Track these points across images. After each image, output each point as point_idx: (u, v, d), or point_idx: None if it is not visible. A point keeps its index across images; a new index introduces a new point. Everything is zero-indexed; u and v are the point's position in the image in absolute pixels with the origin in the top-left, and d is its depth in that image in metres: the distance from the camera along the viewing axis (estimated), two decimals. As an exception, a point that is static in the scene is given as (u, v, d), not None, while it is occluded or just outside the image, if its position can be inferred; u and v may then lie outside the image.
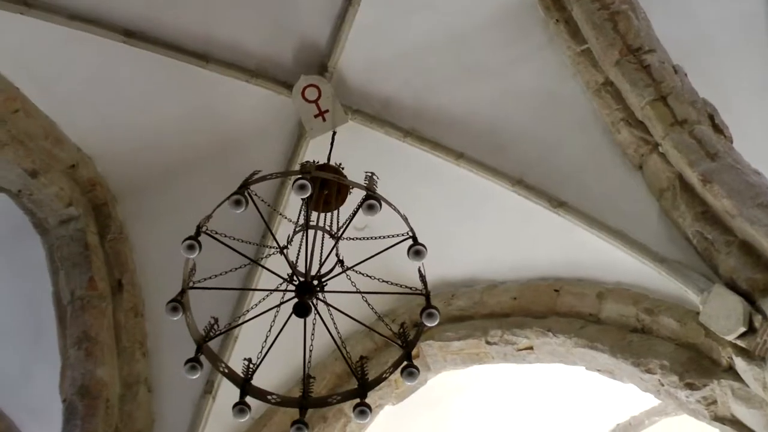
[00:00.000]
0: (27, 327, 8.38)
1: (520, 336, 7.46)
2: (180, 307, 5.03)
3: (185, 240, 4.94)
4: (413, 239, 5.12)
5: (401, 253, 5.35)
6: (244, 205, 4.99)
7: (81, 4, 7.03)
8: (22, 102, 7.53)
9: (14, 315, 8.45)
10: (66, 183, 7.91)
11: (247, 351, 5.56)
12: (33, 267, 8.19)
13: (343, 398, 5.30)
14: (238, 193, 5.00)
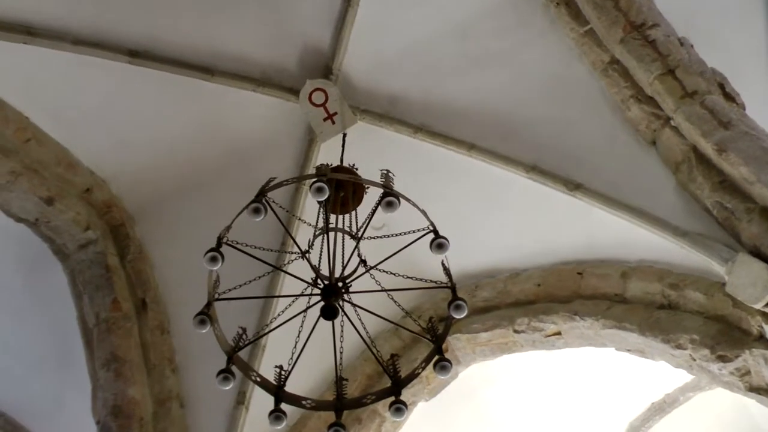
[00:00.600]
0: (55, 353, 8.41)
1: (547, 322, 7.47)
2: (207, 320, 5.05)
3: (207, 252, 4.96)
4: (434, 233, 5.12)
5: (422, 248, 5.36)
6: (263, 212, 4.99)
7: (84, 29, 7.03)
8: (33, 131, 7.55)
9: (42, 343, 8.47)
10: (82, 207, 7.93)
11: (276, 359, 5.57)
12: (56, 293, 8.21)
13: (378, 397, 5.30)
14: (256, 201, 5.00)
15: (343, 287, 5.18)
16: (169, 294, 8.14)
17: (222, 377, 5.10)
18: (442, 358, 5.15)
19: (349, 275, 5.31)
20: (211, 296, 5.20)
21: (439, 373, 5.20)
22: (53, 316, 8.35)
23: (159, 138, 7.83)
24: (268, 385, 5.23)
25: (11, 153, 7.45)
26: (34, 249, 8.16)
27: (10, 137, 7.44)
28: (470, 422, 8.89)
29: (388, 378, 7.57)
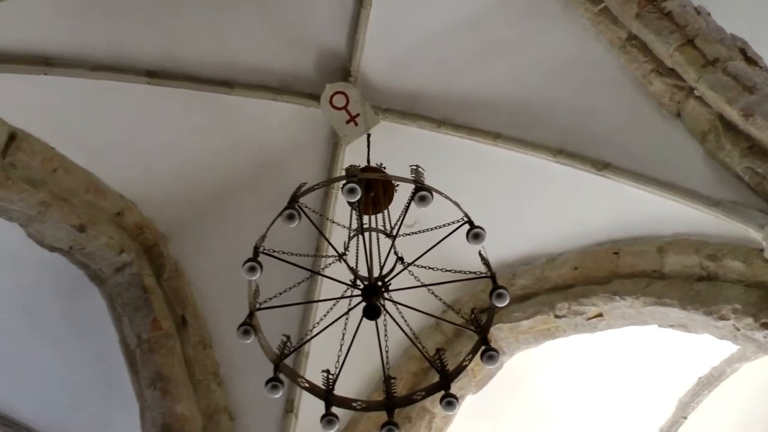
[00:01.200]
0: (100, 378, 8.47)
1: (588, 304, 7.44)
2: (251, 330, 5.05)
3: (246, 262, 4.96)
4: (470, 223, 5.10)
5: (457, 242, 5.34)
6: (297, 218, 4.99)
7: (101, 54, 7.09)
8: (60, 160, 7.59)
9: (86, 369, 8.54)
10: (114, 231, 7.99)
11: (320, 364, 5.58)
12: (96, 318, 8.28)
13: (428, 393, 5.27)
14: (290, 207, 5.00)
15: (382, 286, 5.17)
16: (208, 309, 8.18)
17: (271, 386, 5.10)
18: (488, 347, 5.11)
19: (388, 274, 5.30)
20: (253, 306, 5.20)
21: (487, 363, 5.17)
22: (95, 341, 8.41)
23: (184, 155, 7.88)
24: (316, 389, 5.22)
25: (40, 184, 7.49)
26: (70, 276, 8.23)
27: (38, 169, 7.48)
28: (520, 412, 8.86)
29: (435, 374, 7.71)
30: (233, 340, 7.72)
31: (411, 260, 5.51)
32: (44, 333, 8.62)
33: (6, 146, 7.23)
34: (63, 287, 8.35)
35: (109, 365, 8.30)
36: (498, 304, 5.08)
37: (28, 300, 8.49)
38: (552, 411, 9.02)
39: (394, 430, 5.13)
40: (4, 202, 7.40)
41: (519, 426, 9.09)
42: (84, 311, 8.37)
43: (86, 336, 8.45)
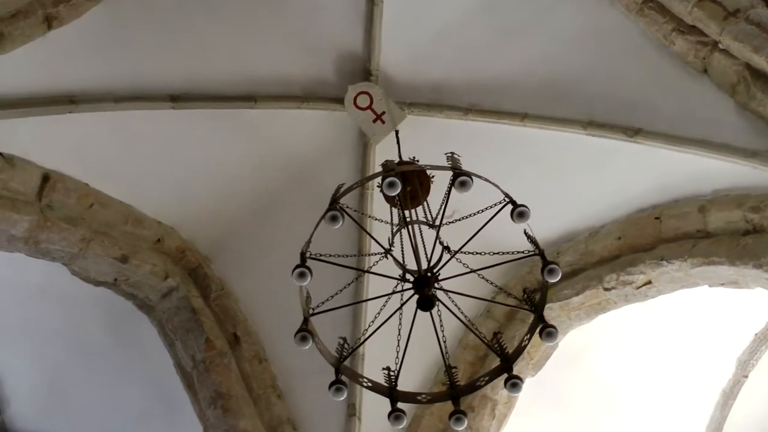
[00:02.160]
0: (160, 404, 8.55)
1: (636, 273, 7.40)
2: (309, 336, 5.05)
3: (295, 269, 4.94)
4: (512, 203, 5.06)
5: (499, 226, 5.28)
6: (340, 219, 4.99)
7: (123, 85, 7.16)
8: (95, 195, 7.66)
9: (145, 397, 8.63)
10: (157, 258, 8.06)
11: (376, 364, 5.59)
12: (149, 346, 8.36)
13: (491, 377, 5.23)
14: (332, 209, 5.00)
15: (432, 276, 5.16)
16: (258, 323, 8.22)
17: (335, 389, 5.10)
18: (546, 324, 5.07)
19: (436, 264, 5.28)
20: (306, 312, 5.20)
21: (546, 340, 5.12)
22: (150, 369, 8.49)
23: (216, 175, 7.94)
24: (379, 387, 5.21)
25: (78, 221, 7.58)
26: (118, 308, 8.31)
27: (74, 206, 7.56)
28: (579, 389, 8.80)
29: (492, 361, 7.76)
30: (287, 351, 7.92)
31: (456, 249, 5.50)
32: (99, 367, 8.72)
33: (41, 188, 7.31)
34: (112, 320, 8.43)
35: (167, 390, 8.37)
36: (550, 279, 5.03)
37: (79, 337, 8.60)
38: (611, 385, 8.94)
39: (463, 418, 5.13)
40: (46, 244, 7.48)
41: (580, 403, 9.04)
42: (136, 340, 8.45)
43: (141, 364, 8.53)
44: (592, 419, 9.22)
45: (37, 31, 6.68)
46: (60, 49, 6.84)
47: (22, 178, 7.17)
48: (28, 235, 7.33)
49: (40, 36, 6.71)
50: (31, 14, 6.61)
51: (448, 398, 5.23)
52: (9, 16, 6.54)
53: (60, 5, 6.70)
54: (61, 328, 8.54)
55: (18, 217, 7.17)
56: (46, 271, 7.99)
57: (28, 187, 7.25)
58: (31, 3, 6.59)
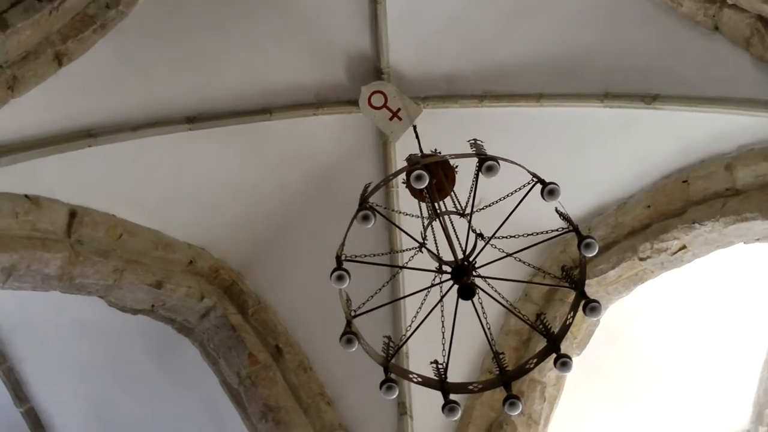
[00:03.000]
0: (211, 424, 8.63)
1: (669, 239, 7.34)
2: (354, 338, 5.06)
3: (333, 272, 4.95)
4: (541, 182, 5.05)
5: (528, 208, 5.26)
6: (372, 218, 4.98)
7: (138, 113, 7.21)
8: (122, 225, 7.71)
9: (194, 418, 8.72)
10: (191, 280, 8.11)
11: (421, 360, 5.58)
12: (193, 367, 8.41)
13: (540, 359, 5.21)
14: (363, 208, 5.00)
15: (470, 265, 5.15)
16: (299, 332, 8.25)
17: (386, 388, 5.08)
18: (590, 299, 5.05)
19: (471, 252, 5.27)
20: (348, 315, 5.20)
21: (590, 316, 5.09)
22: (197, 390, 8.56)
23: (240, 190, 7.97)
24: (430, 382, 5.20)
25: (109, 253, 7.63)
26: (158, 334, 8.38)
27: (104, 239, 7.62)
28: (624, 363, 8.74)
29: (535, 344, 7.75)
30: (331, 357, 7.98)
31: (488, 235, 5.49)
32: (146, 394, 8.80)
33: (69, 225, 7.37)
34: (154, 346, 8.50)
35: (216, 409, 8.44)
36: (588, 254, 4.99)
37: (124, 366, 8.68)
38: (656, 355, 8.88)
39: (517, 403, 5.10)
40: (80, 279, 7.54)
41: (626, 377, 9.00)
42: (180, 363, 8.51)
43: (188, 386, 8.60)
44: (639, 392, 9.20)
45: (48, 70, 6.76)
46: (73, 85, 6.91)
47: (49, 217, 7.23)
48: (62, 272, 7.38)
49: (52, 74, 6.78)
50: (41, 54, 6.69)
51: (500, 384, 5.21)
52: (20, 59, 6.61)
53: (68, 41, 6.77)
54: (105, 359, 8.63)
55: (50, 255, 7.22)
56: (83, 306, 8.08)
57: (57, 225, 7.30)
58: (40, 43, 6.65)
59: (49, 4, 6.59)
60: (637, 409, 9.32)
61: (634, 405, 9.26)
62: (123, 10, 6.99)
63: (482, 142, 5.26)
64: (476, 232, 5.43)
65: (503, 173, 5.17)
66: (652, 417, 9.44)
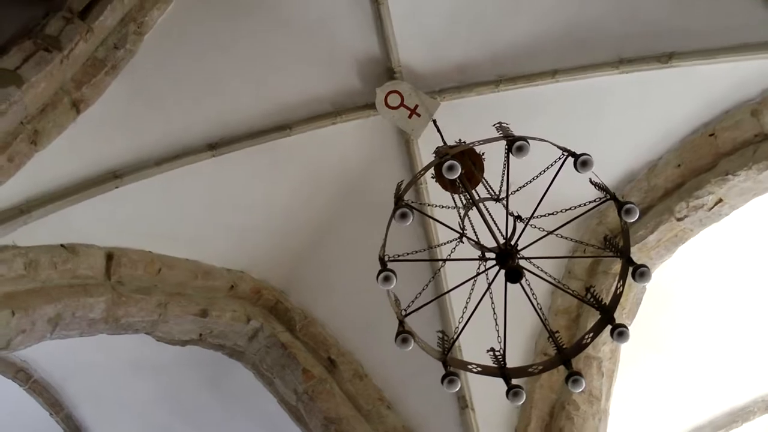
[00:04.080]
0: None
1: (704, 195, 7.32)
2: (409, 337, 5.05)
3: (379, 274, 4.95)
4: (572, 154, 5.03)
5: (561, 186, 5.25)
6: (410, 215, 4.97)
7: (160, 147, 7.27)
8: (160, 260, 7.78)
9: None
10: (235, 304, 8.17)
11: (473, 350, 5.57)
12: (248, 390, 8.47)
13: (595, 332, 5.16)
14: (400, 206, 4.99)
15: (513, 248, 5.13)
16: (349, 341, 8.28)
17: (447, 381, 5.06)
18: (637, 265, 5.00)
19: (511, 235, 5.25)
20: (399, 314, 5.20)
21: (640, 281, 5.03)
22: (255, 412, 8.62)
23: (271, 208, 8.02)
24: (490, 370, 5.19)
25: (151, 289, 7.72)
26: (209, 361, 8.42)
27: (143, 276, 7.69)
28: (676, 327, 8.71)
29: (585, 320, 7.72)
30: (385, 361, 7.99)
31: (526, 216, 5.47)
32: (205, 423, 8.88)
33: (107, 267, 7.44)
34: (207, 374, 8.56)
35: (277, 428, 8.44)
36: (629, 219, 4.95)
37: (180, 397, 8.75)
38: (709, 314, 8.83)
39: (580, 379, 5.05)
40: (125, 318, 7.60)
41: (679, 341, 8.97)
42: (235, 389, 8.58)
43: (246, 410, 8.65)
44: (694, 354, 9.15)
45: (68, 119, 6.80)
46: (93, 129, 6.95)
47: (87, 262, 7.29)
48: (107, 315, 7.45)
49: (72, 122, 6.82)
50: (58, 104, 6.74)
51: (559, 363, 5.18)
52: (38, 112, 6.66)
53: (83, 87, 6.81)
54: (161, 393, 8.70)
55: (93, 300, 7.28)
56: (132, 344, 8.15)
57: (96, 269, 7.37)
58: (56, 93, 6.70)
59: (59, 54, 6.65)
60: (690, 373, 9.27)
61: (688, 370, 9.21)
62: (131, 48, 7.04)
63: (508, 124, 5.25)
64: (514, 215, 5.41)
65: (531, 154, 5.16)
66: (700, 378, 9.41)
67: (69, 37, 6.74)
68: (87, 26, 6.82)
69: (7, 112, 6.37)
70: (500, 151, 5.35)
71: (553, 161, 5.27)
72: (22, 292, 6.89)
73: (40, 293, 6.98)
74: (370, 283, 7.44)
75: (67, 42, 6.72)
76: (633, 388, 8.77)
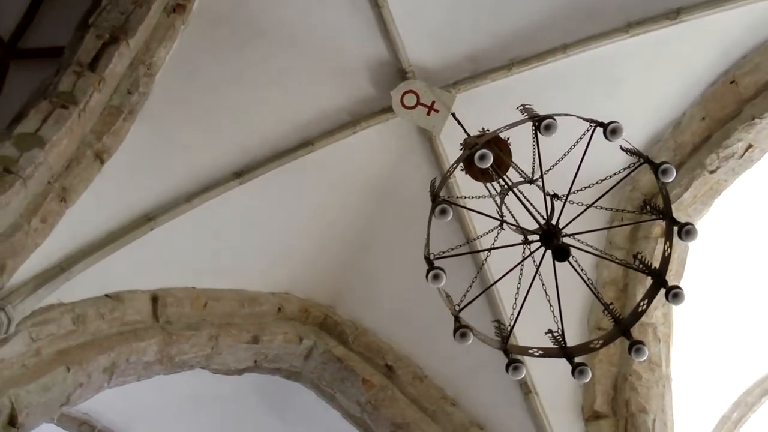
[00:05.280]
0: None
1: (733, 144, 7.29)
2: (468, 331, 5.03)
3: (428, 273, 4.93)
4: (600, 124, 5.02)
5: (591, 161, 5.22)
6: (449, 210, 4.97)
7: (188, 182, 7.36)
8: (204, 294, 7.83)
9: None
10: (285, 326, 8.20)
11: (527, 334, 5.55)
12: (311, 408, 8.49)
13: (650, 298, 5.08)
14: (438, 203, 4.99)
15: (555, 226, 5.11)
16: (403, 345, 8.25)
17: (512, 368, 5.06)
18: (683, 223, 4.97)
19: (551, 215, 5.23)
20: (453, 310, 5.18)
21: (687, 239, 4.99)
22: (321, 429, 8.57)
23: (305, 226, 8.05)
24: (552, 351, 5.15)
25: (200, 324, 7.75)
26: (269, 386, 8.46)
27: (190, 312, 7.74)
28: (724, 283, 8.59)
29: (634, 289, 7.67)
30: (442, 359, 7.97)
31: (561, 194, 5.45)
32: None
33: (154, 310, 7.50)
34: (268, 399, 8.62)
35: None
36: (667, 179, 4.92)
37: (245, 425, 8.78)
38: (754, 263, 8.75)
39: (642, 347, 5.03)
40: (180, 356, 7.64)
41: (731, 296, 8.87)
42: (297, 409, 8.62)
43: (311, 428, 8.63)
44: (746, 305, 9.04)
45: (93, 171, 6.89)
46: (119, 177, 7.02)
47: (133, 308, 7.34)
48: (161, 356, 7.50)
49: (97, 173, 6.90)
50: (82, 158, 6.82)
51: (619, 334, 5.13)
52: (64, 169, 6.74)
53: (103, 137, 6.90)
54: (226, 424, 8.74)
55: (144, 344, 7.33)
56: (189, 381, 8.18)
57: (143, 313, 7.42)
58: (78, 148, 6.78)
59: (76, 108, 6.73)
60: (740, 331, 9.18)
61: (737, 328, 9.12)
62: (144, 91, 7.13)
63: (531, 105, 5.24)
64: (550, 194, 5.39)
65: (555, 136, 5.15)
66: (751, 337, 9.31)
67: (83, 91, 6.83)
68: (98, 77, 6.91)
69: (34, 174, 6.46)
70: (523, 134, 5.34)
71: (581, 135, 5.24)
72: (74, 346, 6.96)
73: (92, 345, 7.04)
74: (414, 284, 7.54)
75: (82, 95, 6.80)
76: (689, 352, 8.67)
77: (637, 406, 7.70)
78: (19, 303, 6.44)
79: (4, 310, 6.35)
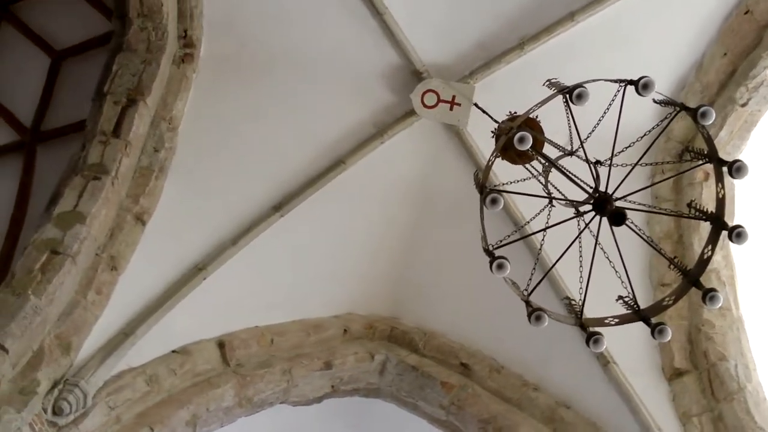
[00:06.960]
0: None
1: (760, 72, 7.29)
2: (543, 313, 5.01)
3: (492, 263, 4.92)
4: (630, 82, 4.98)
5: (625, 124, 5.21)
6: (500, 200, 4.97)
7: (230, 225, 7.46)
8: (269, 331, 7.86)
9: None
10: (354, 346, 8.19)
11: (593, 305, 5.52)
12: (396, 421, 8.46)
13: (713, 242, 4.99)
14: (488, 192, 5.00)
15: (605, 193, 5.08)
16: (473, 341, 8.16)
17: (593, 341, 5.01)
18: (731, 162, 4.91)
19: (597, 181, 5.20)
20: (522, 296, 5.17)
21: (738, 176, 4.95)
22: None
23: (353, 243, 8.05)
24: (627, 317, 5.10)
25: (270, 360, 7.78)
26: (351, 408, 8.46)
27: (259, 351, 7.79)
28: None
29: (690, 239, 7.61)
30: (513, 348, 7.92)
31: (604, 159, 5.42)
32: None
33: (223, 355, 7.56)
34: (352, 420, 8.61)
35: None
36: (706, 122, 4.90)
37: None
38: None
39: (717, 295, 4.96)
40: (257, 396, 7.70)
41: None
42: (383, 425, 8.56)
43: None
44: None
45: (137, 235, 7.06)
46: (163, 234, 7.17)
47: (202, 357, 7.42)
48: (238, 399, 7.56)
49: (141, 236, 7.06)
50: (123, 224, 6.99)
51: (690, 286, 5.05)
52: (108, 238, 6.92)
53: (140, 199, 7.06)
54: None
55: (221, 390, 7.41)
56: (270, 417, 8.18)
57: (213, 361, 7.49)
58: (118, 214, 6.95)
59: (108, 177, 6.86)
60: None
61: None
62: (170, 146, 7.26)
63: (556, 78, 5.22)
64: (593, 162, 5.37)
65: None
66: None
67: (111, 158, 6.98)
68: (124, 141, 7.05)
69: (81, 250, 6.60)
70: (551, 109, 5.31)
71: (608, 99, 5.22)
72: (153, 406, 7.09)
73: (169, 402, 7.16)
74: (471, 279, 7.58)
75: (112, 163, 6.94)
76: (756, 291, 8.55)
77: (716, 355, 7.58)
78: (90, 376, 6.56)
79: (78, 386, 6.48)
